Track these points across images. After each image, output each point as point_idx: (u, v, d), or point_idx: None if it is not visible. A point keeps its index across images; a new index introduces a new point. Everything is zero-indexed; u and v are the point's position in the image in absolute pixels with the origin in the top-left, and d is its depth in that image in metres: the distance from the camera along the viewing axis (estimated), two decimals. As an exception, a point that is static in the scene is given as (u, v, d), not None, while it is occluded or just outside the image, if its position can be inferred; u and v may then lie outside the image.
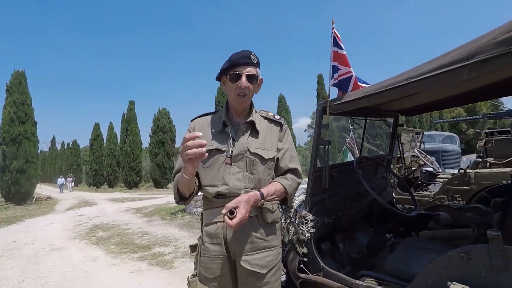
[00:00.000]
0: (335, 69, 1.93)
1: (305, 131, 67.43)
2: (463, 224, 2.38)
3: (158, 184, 23.70)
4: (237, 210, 1.24)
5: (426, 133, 9.58)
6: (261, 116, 1.56)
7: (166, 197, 14.78)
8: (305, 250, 2.08)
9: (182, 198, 1.42)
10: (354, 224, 2.74)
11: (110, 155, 27.44)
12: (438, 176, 5.45)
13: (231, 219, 1.22)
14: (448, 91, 2.30)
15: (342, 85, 1.94)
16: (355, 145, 7.64)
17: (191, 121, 1.56)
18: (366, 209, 2.70)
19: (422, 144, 6.77)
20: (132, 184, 25.24)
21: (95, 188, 29.06)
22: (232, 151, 1.41)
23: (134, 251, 5.57)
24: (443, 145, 11.54)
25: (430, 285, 1.46)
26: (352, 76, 1.89)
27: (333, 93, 2.05)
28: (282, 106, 27.12)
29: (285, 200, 1.52)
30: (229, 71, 1.41)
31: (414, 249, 2.00)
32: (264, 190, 1.39)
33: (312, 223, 2.07)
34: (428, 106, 2.98)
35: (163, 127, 23.38)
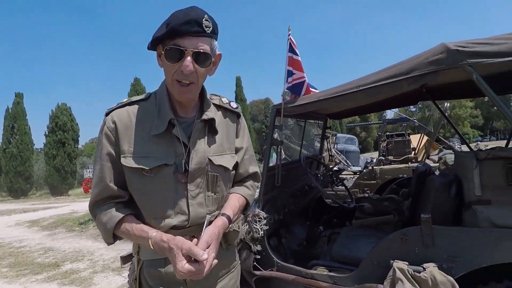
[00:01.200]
0: (289, 73, 2.05)
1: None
2: (382, 212, 2.81)
3: (57, 191, 20.41)
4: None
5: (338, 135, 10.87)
6: (214, 104, 1.11)
7: (69, 206, 12.84)
8: (259, 247, 2.14)
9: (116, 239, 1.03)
10: (293, 219, 2.94)
11: (-13, 159, 22.29)
12: (342, 173, 6.28)
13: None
14: (359, 101, 2.69)
15: (295, 88, 2.07)
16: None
17: (107, 114, 1.01)
18: (305, 205, 2.93)
19: (335, 145, 7.67)
20: (19, 193, 21.07)
21: (-37, 200, 23.14)
22: (186, 165, 0.98)
23: (37, 271, 4.69)
24: (346, 146, 13.27)
25: (376, 265, 1.69)
26: (305, 81, 2.04)
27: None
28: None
29: (243, 211, 1.24)
30: (167, 42, 0.90)
31: (352, 236, 2.28)
32: (229, 211, 1.07)
33: (265, 221, 2.14)
34: (351, 112, 3.42)
35: (63, 125, 20.26)
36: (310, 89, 2.09)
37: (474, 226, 1.55)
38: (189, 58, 0.89)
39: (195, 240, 0.93)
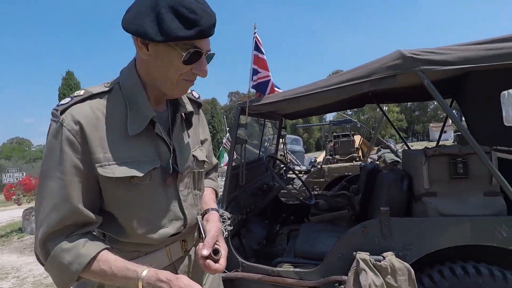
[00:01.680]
0: (254, 72, 2.04)
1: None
2: (336, 208, 2.98)
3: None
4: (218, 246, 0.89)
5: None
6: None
7: (-17, 216, 11.02)
8: (223, 248, 2.08)
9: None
10: (252, 218, 2.94)
11: None
12: (289, 173, 6.53)
13: (216, 261, 0.85)
14: (322, 101, 2.84)
15: (260, 87, 2.07)
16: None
17: (62, 112, 0.79)
18: (265, 204, 2.95)
19: (285, 145, 7.91)
20: None
21: None
22: (173, 165, 0.90)
23: None
24: (292, 146, 13.78)
25: (340, 258, 1.77)
26: (270, 80, 2.05)
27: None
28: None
29: None
30: (190, 43, 0.78)
31: (312, 232, 2.36)
32: (214, 205, 1.06)
33: (229, 221, 2.10)
34: (305, 113, 3.56)
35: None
36: (274, 88, 2.11)
37: (424, 216, 1.72)
38: (205, 60, 0.83)
39: (200, 244, 0.86)
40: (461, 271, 1.61)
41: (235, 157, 2.23)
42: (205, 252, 0.82)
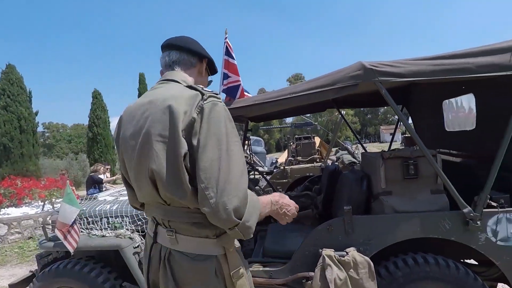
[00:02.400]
0: (225, 76, 2.07)
1: (122, 132, 61.89)
2: (301, 208, 3.10)
3: None
4: None
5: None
6: None
7: None
8: (193, 252, 2.08)
9: None
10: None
11: None
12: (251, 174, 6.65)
13: None
14: (290, 106, 2.96)
15: (231, 91, 2.10)
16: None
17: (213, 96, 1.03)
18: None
19: (250, 147, 7.99)
20: None
21: None
22: None
23: None
24: (254, 147, 13.89)
25: (307, 255, 1.88)
26: (240, 84, 2.10)
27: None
28: (98, 103, 23.78)
29: None
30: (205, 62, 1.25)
31: (279, 232, 2.45)
32: None
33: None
34: (270, 116, 3.66)
35: None
36: (244, 93, 2.16)
37: (381, 213, 1.89)
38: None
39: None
40: (412, 262, 1.80)
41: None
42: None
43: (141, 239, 2.24)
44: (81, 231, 2.34)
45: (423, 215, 1.80)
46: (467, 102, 2.46)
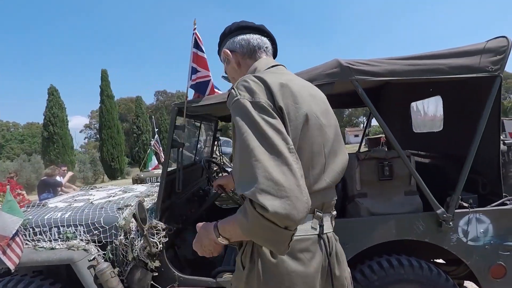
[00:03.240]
0: (193, 71, 1.91)
1: (81, 131, 58.43)
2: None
3: None
4: None
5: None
6: None
7: None
8: (157, 263, 1.89)
9: None
10: (187, 227, 2.77)
11: None
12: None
13: None
14: None
15: (200, 87, 1.94)
16: (160, 147, 7.60)
17: None
18: (202, 210, 2.81)
19: (220, 147, 7.80)
20: None
21: None
22: None
23: None
24: (224, 148, 13.75)
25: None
26: (210, 80, 1.94)
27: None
28: (55, 101, 22.18)
29: None
30: None
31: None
32: None
33: (164, 232, 1.92)
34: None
35: None
36: (215, 89, 2.01)
37: (357, 215, 1.84)
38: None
39: None
40: (387, 265, 1.77)
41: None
42: None
43: (98, 250, 2.00)
44: (26, 244, 2.04)
45: (398, 217, 1.77)
46: (434, 104, 2.52)
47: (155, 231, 1.89)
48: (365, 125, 3.65)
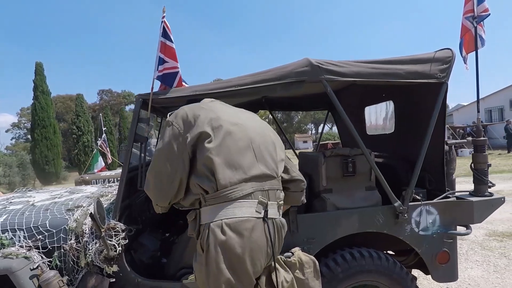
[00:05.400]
0: (160, 61, 1.81)
1: (7, 131, 51.50)
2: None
3: None
4: None
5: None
6: None
7: None
8: (115, 268, 1.73)
9: None
10: (145, 228, 2.60)
11: None
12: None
13: None
14: (233, 99, 2.82)
15: (167, 79, 1.85)
16: (107, 148, 7.02)
17: None
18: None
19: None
20: None
21: None
22: None
23: None
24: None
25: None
26: (178, 72, 1.86)
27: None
28: (-26, 94, 19.18)
29: None
30: None
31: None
32: None
33: (123, 234, 1.77)
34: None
35: None
36: (182, 82, 1.93)
37: (323, 211, 1.91)
38: None
39: None
40: (350, 257, 1.85)
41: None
42: None
43: (42, 257, 1.76)
44: None
45: (361, 211, 1.88)
46: (386, 108, 2.74)
47: (113, 233, 1.73)
48: (321, 130, 3.83)
